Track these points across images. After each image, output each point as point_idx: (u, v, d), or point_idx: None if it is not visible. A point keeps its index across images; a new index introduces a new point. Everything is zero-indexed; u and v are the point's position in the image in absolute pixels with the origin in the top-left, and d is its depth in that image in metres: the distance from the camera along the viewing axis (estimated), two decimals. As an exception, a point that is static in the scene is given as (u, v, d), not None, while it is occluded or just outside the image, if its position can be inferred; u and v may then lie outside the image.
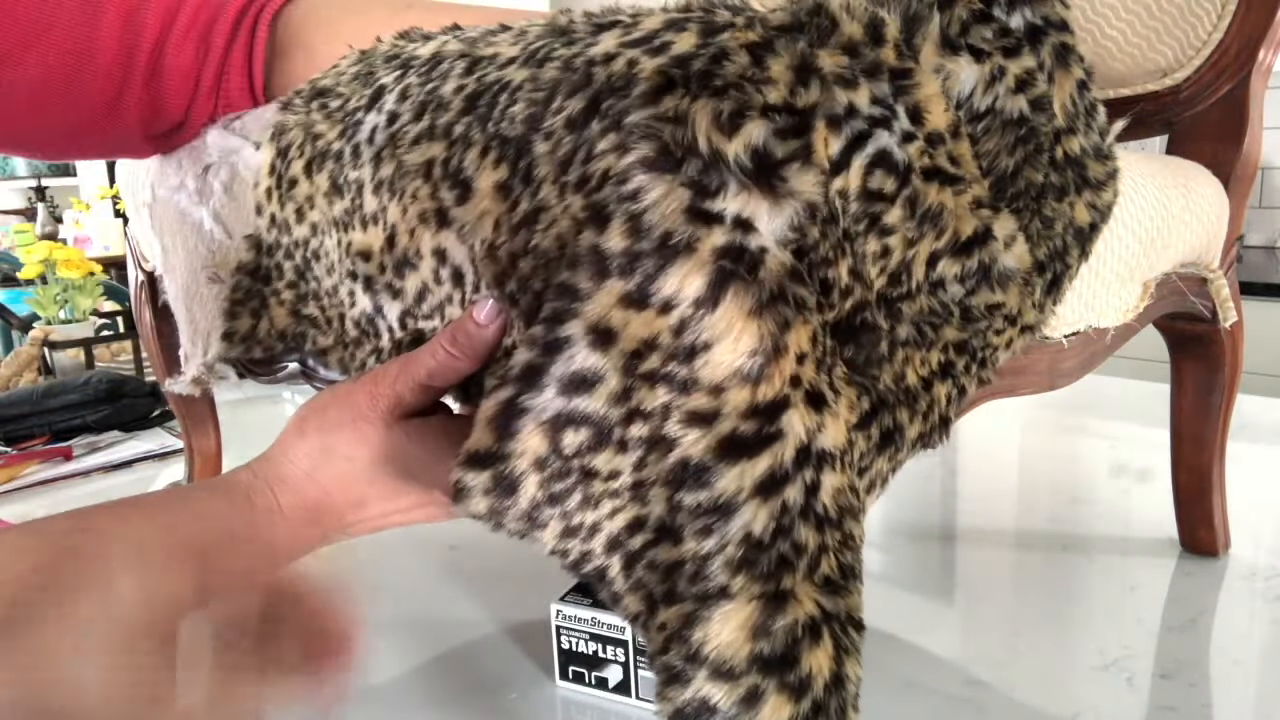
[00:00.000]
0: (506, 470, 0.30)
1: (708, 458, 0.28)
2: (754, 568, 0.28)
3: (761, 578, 0.28)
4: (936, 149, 0.32)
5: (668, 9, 0.34)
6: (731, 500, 0.28)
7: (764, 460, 0.28)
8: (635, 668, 0.59)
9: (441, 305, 0.45)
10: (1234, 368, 0.75)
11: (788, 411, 0.28)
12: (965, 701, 0.60)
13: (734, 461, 0.28)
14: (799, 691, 0.28)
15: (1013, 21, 0.36)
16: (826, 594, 0.29)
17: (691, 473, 0.28)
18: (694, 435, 0.28)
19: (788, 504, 0.28)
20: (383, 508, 0.42)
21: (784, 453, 0.28)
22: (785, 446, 0.28)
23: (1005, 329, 0.37)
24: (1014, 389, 0.49)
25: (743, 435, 0.28)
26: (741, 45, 0.29)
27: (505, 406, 0.30)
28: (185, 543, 0.39)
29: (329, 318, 0.53)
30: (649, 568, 0.30)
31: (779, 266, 0.29)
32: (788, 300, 0.29)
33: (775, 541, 0.28)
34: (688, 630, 0.28)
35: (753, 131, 0.28)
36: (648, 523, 0.30)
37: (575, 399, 0.29)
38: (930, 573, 0.80)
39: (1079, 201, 0.39)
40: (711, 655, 0.28)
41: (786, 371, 0.29)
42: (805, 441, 0.29)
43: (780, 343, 0.28)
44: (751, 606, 0.28)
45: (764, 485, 0.28)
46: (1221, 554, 0.80)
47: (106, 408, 1.29)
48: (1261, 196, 2.30)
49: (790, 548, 0.28)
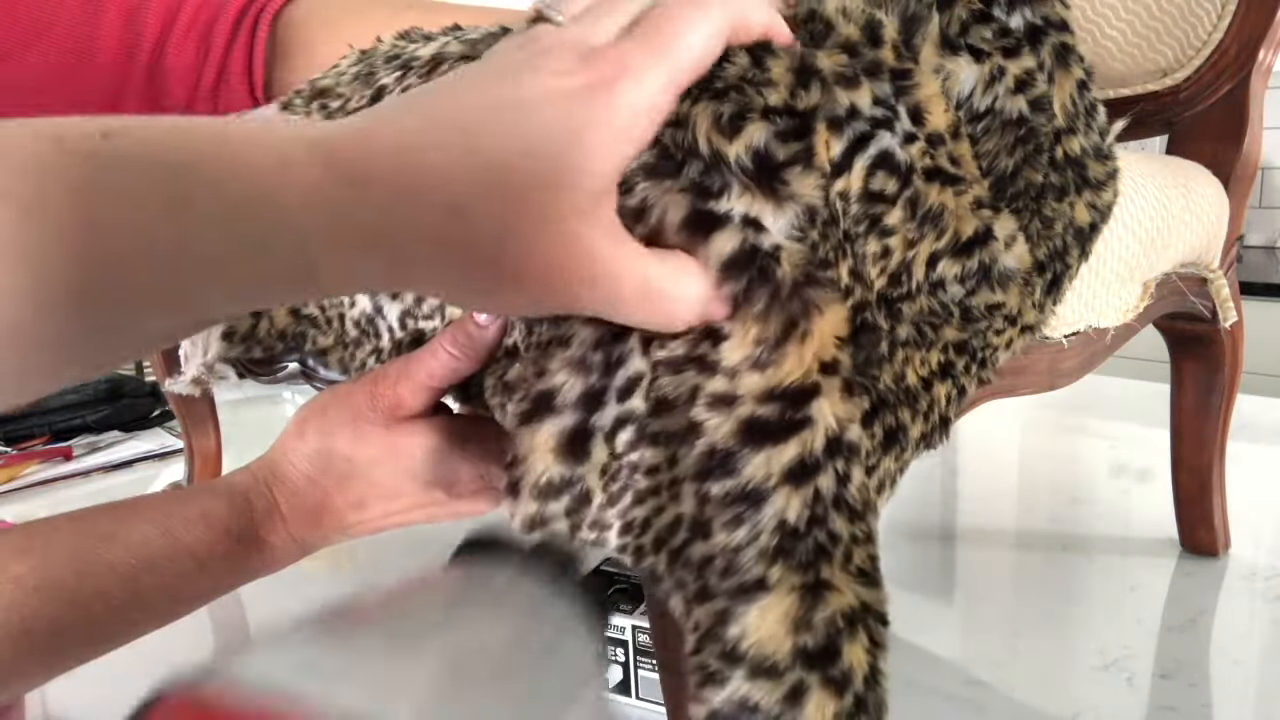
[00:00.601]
0: (582, 489, 0.30)
1: (732, 443, 0.28)
2: (791, 557, 0.27)
3: (800, 567, 0.27)
4: (937, 149, 0.32)
5: None
6: (760, 487, 0.27)
7: (792, 447, 0.27)
8: (635, 668, 0.59)
9: (442, 305, 0.45)
10: (1234, 368, 0.75)
11: (818, 399, 0.28)
12: (965, 701, 0.60)
13: (759, 447, 0.27)
14: (842, 686, 0.27)
15: (1012, 22, 0.36)
16: (863, 585, 0.28)
17: (718, 460, 0.28)
18: (716, 420, 0.28)
19: (821, 492, 0.28)
20: (383, 508, 0.42)
21: (814, 440, 0.28)
22: (815, 434, 0.28)
23: (1005, 329, 0.37)
24: (1014, 389, 0.49)
25: (763, 419, 0.27)
26: (741, 46, 0.29)
27: (574, 435, 0.29)
28: (185, 546, 0.39)
29: (329, 318, 0.53)
30: (685, 566, 0.29)
31: (799, 257, 0.28)
32: (815, 285, 0.28)
33: (811, 530, 0.27)
34: (721, 628, 0.27)
35: (754, 134, 0.28)
36: (684, 521, 0.29)
37: (626, 402, 0.29)
38: (930, 573, 0.81)
39: (1079, 201, 0.39)
40: (751, 651, 0.27)
41: (809, 357, 0.28)
42: (837, 431, 0.28)
43: (805, 328, 0.28)
44: (792, 598, 0.27)
45: (793, 472, 0.27)
46: (1221, 554, 0.81)
47: (106, 408, 1.29)
48: (1261, 196, 2.31)
49: (827, 536, 0.28)
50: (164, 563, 0.38)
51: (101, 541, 0.38)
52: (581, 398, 0.29)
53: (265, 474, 0.42)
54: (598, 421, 0.29)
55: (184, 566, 0.39)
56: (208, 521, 0.40)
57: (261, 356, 0.60)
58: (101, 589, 0.37)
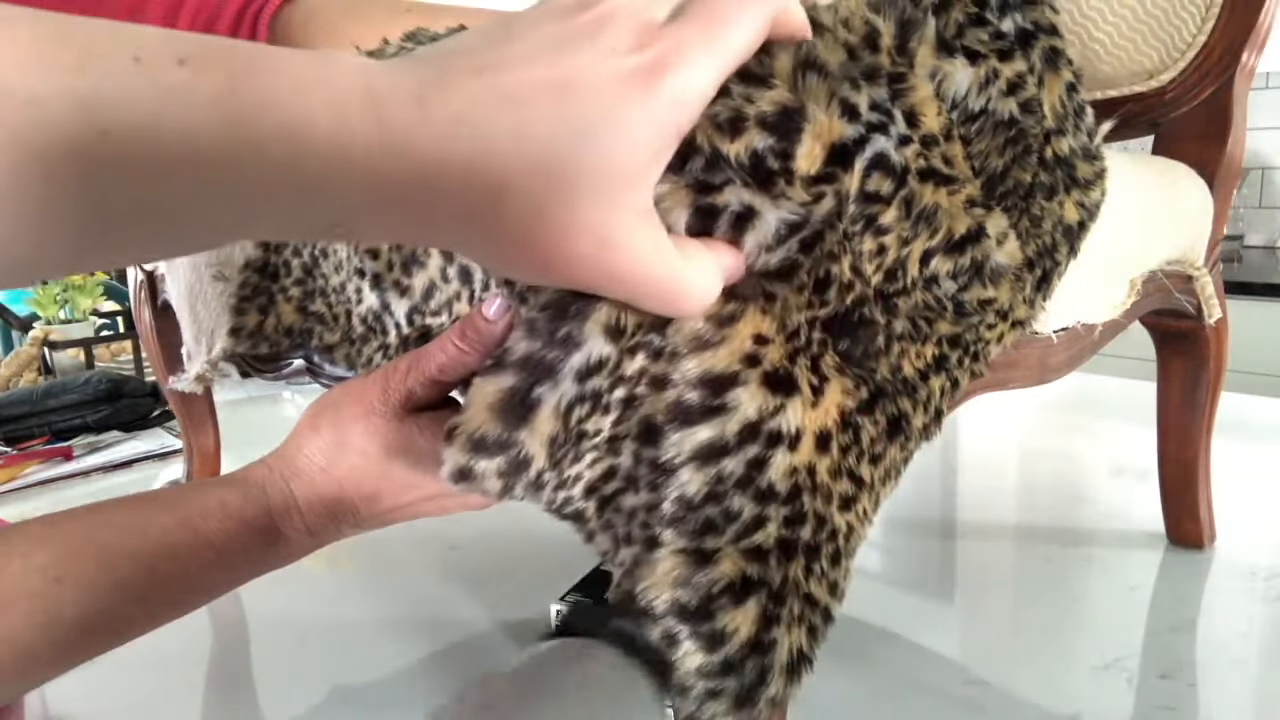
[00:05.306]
0: (521, 454, 0.31)
1: (660, 419, 0.31)
2: (682, 525, 0.31)
3: (687, 535, 0.31)
4: (931, 150, 0.33)
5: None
6: (671, 461, 0.31)
7: (706, 430, 0.31)
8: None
9: (449, 302, 0.46)
10: (1218, 364, 0.77)
11: (736, 389, 0.31)
12: (965, 701, 0.60)
13: (679, 427, 0.31)
14: (712, 643, 0.31)
15: (1004, 26, 0.37)
16: (754, 562, 0.31)
17: (651, 431, 0.31)
18: (654, 397, 0.31)
19: (724, 474, 0.31)
20: (395, 500, 0.43)
21: (727, 427, 0.31)
22: (730, 421, 0.31)
23: (997, 324, 0.38)
24: (1005, 382, 0.50)
25: (688, 403, 0.31)
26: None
27: (510, 395, 0.31)
28: (204, 536, 0.40)
29: (336, 314, 0.54)
30: (616, 511, 0.33)
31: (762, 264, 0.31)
32: (759, 291, 0.31)
33: (705, 505, 0.31)
34: (635, 570, 0.32)
35: (753, 135, 0.29)
36: (619, 472, 0.33)
37: (587, 383, 0.31)
38: (930, 572, 0.81)
39: (1068, 200, 0.40)
40: (640, 594, 0.31)
41: (739, 350, 0.31)
42: (754, 420, 0.31)
43: (738, 320, 0.31)
44: (677, 559, 0.31)
45: (702, 453, 0.31)
46: (1207, 546, 0.82)
47: (106, 408, 1.29)
48: (1261, 196, 2.31)
49: (720, 513, 0.31)
50: (183, 552, 0.39)
51: (121, 531, 0.39)
52: (524, 360, 0.31)
53: (280, 467, 0.43)
54: (545, 393, 0.31)
55: (203, 556, 0.40)
56: (225, 512, 0.41)
57: (268, 352, 0.60)
58: (122, 579, 0.38)
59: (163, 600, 0.40)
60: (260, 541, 0.41)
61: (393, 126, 0.24)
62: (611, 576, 0.34)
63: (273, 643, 0.76)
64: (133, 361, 1.66)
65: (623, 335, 0.31)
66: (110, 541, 0.38)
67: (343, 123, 0.23)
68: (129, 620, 0.39)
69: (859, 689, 0.63)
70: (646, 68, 0.25)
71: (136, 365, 1.64)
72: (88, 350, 1.61)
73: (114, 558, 0.38)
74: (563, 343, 0.30)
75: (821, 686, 0.59)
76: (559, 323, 0.30)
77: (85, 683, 0.51)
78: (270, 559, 0.42)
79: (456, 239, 0.27)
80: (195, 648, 0.75)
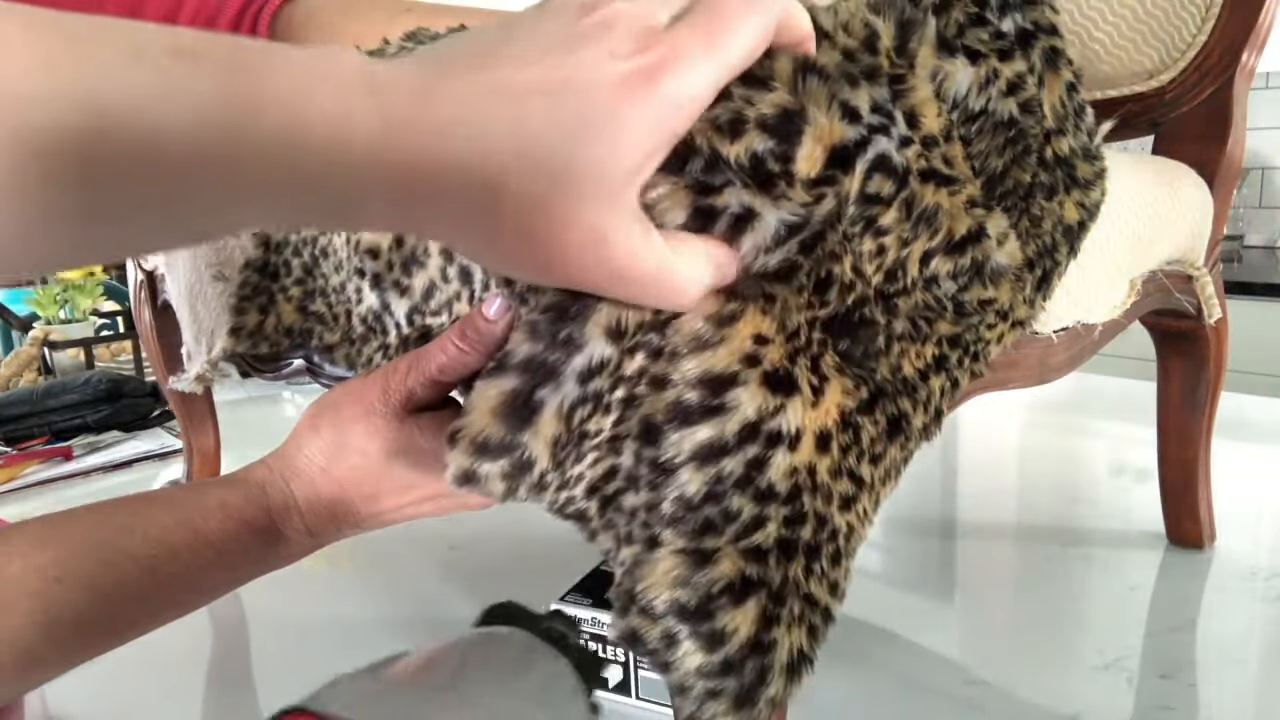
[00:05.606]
0: (524, 456, 0.31)
1: (659, 419, 0.31)
2: (681, 525, 0.31)
3: (686, 535, 0.31)
4: (932, 151, 0.33)
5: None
6: (670, 461, 0.31)
7: (705, 430, 0.31)
8: (635, 667, 0.60)
9: (449, 302, 0.46)
10: (1218, 363, 0.77)
11: (736, 389, 0.31)
12: (965, 701, 0.61)
13: (679, 427, 0.31)
14: (712, 643, 0.31)
15: (1004, 26, 0.37)
16: (753, 562, 0.31)
17: (650, 431, 0.31)
18: (654, 397, 0.31)
19: (723, 474, 0.31)
20: (395, 500, 0.43)
21: (727, 426, 0.31)
22: (729, 421, 0.31)
23: (997, 324, 0.38)
24: (1005, 382, 0.50)
25: (688, 403, 0.31)
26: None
27: (513, 398, 0.31)
28: (204, 536, 0.40)
29: (336, 314, 0.54)
30: (617, 510, 0.33)
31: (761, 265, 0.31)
32: (759, 292, 0.31)
33: (704, 505, 0.31)
34: (636, 570, 0.32)
35: (753, 138, 0.29)
36: (620, 471, 0.33)
37: (589, 384, 0.31)
38: (930, 572, 0.81)
39: (1068, 200, 0.40)
40: (640, 594, 0.31)
41: (738, 350, 0.31)
42: (754, 419, 0.31)
43: (738, 320, 0.31)
44: (677, 559, 0.31)
45: (702, 453, 0.31)
46: (1207, 546, 0.82)
47: (106, 408, 1.29)
48: (1262, 196, 2.31)
49: (719, 513, 0.31)
50: (184, 552, 0.39)
51: (121, 531, 0.39)
52: (526, 362, 0.31)
53: (281, 467, 0.43)
54: (548, 395, 0.31)
55: (203, 556, 0.40)
56: (226, 512, 0.41)
57: (268, 352, 0.60)
58: (122, 579, 0.38)
59: (163, 600, 0.40)
60: (260, 542, 0.41)
61: (394, 117, 0.24)
62: (611, 577, 0.34)
63: (273, 643, 0.76)
64: (133, 361, 1.66)
65: (624, 336, 0.31)
66: (110, 541, 0.39)
67: (345, 114, 0.23)
68: (129, 620, 0.39)
69: (859, 689, 0.63)
70: (644, 70, 0.25)
71: (136, 365, 1.64)
72: (88, 350, 1.61)
73: (114, 558, 0.38)
74: (564, 345, 0.30)
75: (821, 686, 0.59)
76: (560, 325, 0.30)
77: (85, 683, 0.51)
78: (270, 559, 0.43)
79: (455, 233, 0.27)
80: (195, 648, 0.75)
